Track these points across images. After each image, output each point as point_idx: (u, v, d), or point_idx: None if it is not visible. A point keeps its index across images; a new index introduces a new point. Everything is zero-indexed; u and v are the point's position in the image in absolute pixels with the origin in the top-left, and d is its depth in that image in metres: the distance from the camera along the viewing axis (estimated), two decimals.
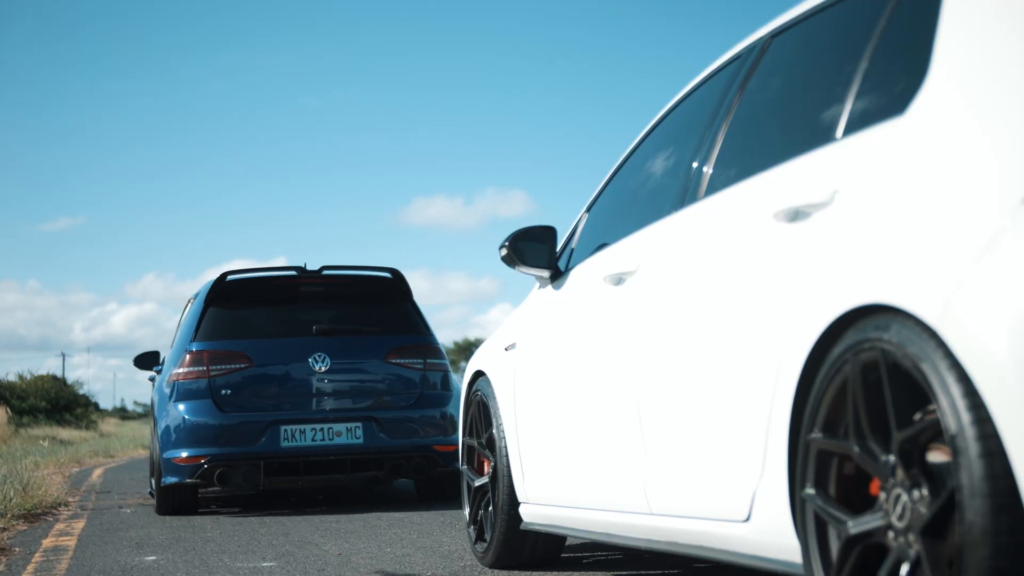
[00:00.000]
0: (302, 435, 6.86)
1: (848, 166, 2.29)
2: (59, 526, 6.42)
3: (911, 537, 1.94)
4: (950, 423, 1.84)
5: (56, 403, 36.37)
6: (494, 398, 4.25)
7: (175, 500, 6.91)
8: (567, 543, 4.66)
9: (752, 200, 2.64)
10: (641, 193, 3.60)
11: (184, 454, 6.78)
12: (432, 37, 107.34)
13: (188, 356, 7.01)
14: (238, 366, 7.00)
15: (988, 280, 1.79)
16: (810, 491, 2.24)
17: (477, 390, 4.49)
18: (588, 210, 3.99)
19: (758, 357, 2.46)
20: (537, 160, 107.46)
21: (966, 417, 1.80)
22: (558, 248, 4.01)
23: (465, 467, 4.59)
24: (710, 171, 3.01)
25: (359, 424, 6.96)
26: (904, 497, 1.97)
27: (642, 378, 3.05)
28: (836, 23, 2.73)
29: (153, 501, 7.35)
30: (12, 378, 37.82)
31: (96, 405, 45.40)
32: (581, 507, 3.51)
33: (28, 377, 38.51)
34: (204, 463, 6.70)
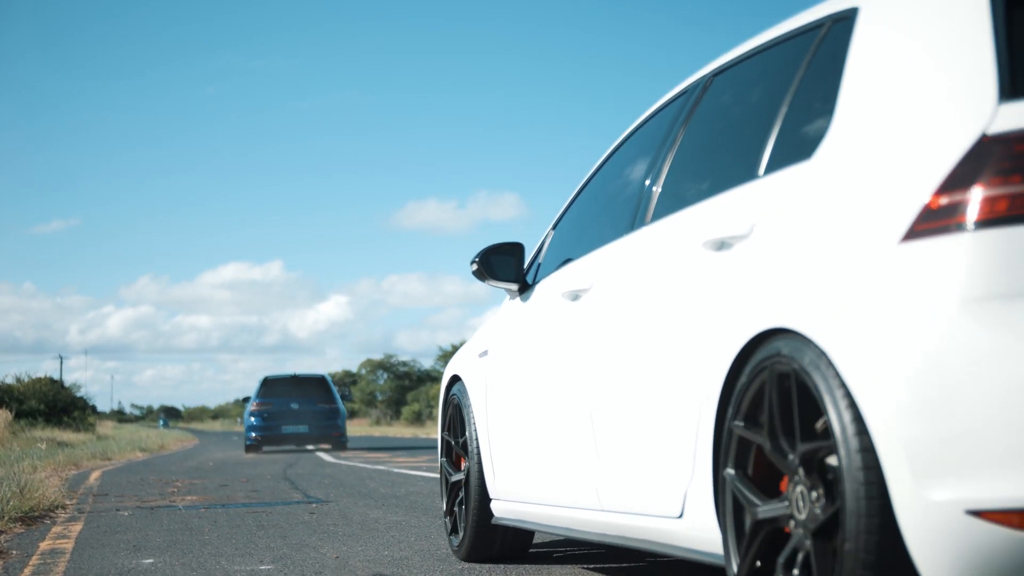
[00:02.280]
0: None
1: (764, 203, 2.62)
2: (56, 529, 6.40)
3: (808, 530, 2.26)
4: (836, 432, 2.15)
5: (54, 406, 36.33)
6: (468, 402, 4.60)
7: None
8: (537, 539, 5.06)
9: (688, 229, 2.96)
10: (599, 214, 3.89)
11: None
12: (426, 41, 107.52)
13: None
14: None
15: (868, 308, 2.12)
16: (730, 471, 2.55)
17: (454, 394, 4.83)
18: (554, 227, 4.31)
19: (687, 373, 2.79)
20: (529, 163, 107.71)
21: (850, 429, 2.12)
22: (526, 263, 4.33)
23: (443, 459, 4.93)
24: (656, 198, 3.32)
25: None
26: (804, 494, 2.28)
27: (593, 388, 3.38)
28: (764, 69, 3.02)
29: (157, 504, 7.31)
30: (10, 381, 37.82)
31: (94, 408, 45.33)
32: (544, 504, 3.82)
33: (26, 380, 38.48)
34: None
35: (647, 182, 3.45)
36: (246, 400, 23.15)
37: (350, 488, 9.48)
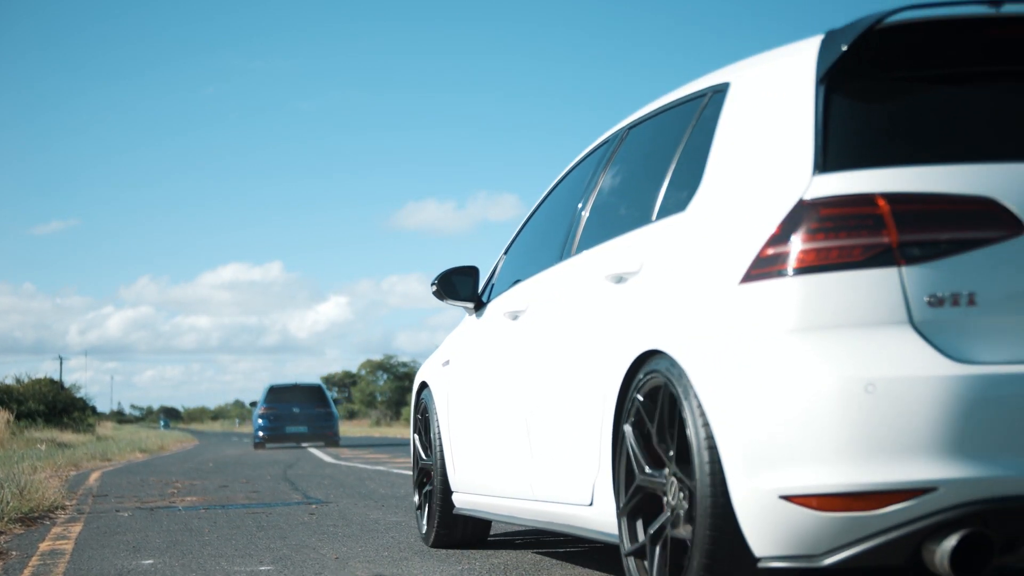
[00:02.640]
0: None
1: (651, 245, 3.17)
2: (56, 530, 6.41)
3: (674, 507, 2.85)
4: (690, 433, 2.73)
5: (54, 406, 36.32)
6: (433, 407, 5.17)
7: None
8: (499, 530, 5.67)
9: (598, 263, 3.51)
10: (539, 244, 4.41)
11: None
12: (425, 42, 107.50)
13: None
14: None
15: (714, 335, 2.69)
16: (628, 428, 3.10)
17: (422, 399, 5.44)
18: (505, 252, 4.88)
19: (592, 385, 3.35)
20: (528, 164, 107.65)
21: (701, 432, 2.69)
22: (482, 283, 4.90)
23: (414, 458, 5.52)
24: (580, 234, 3.88)
25: None
26: (675, 481, 2.87)
27: (527, 397, 3.97)
28: (663, 127, 3.54)
29: (159, 505, 7.29)
30: (10, 381, 37.80)
31: (93, 408, 45.32)
32: (493, 496, 4.42)
33: (25, 380, 38.47)
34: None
35: (574, 218, 4.03)
36: (253, 404, 27.34)
37: (350, 489, 9.49)
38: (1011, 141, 2.66)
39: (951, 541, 2.41)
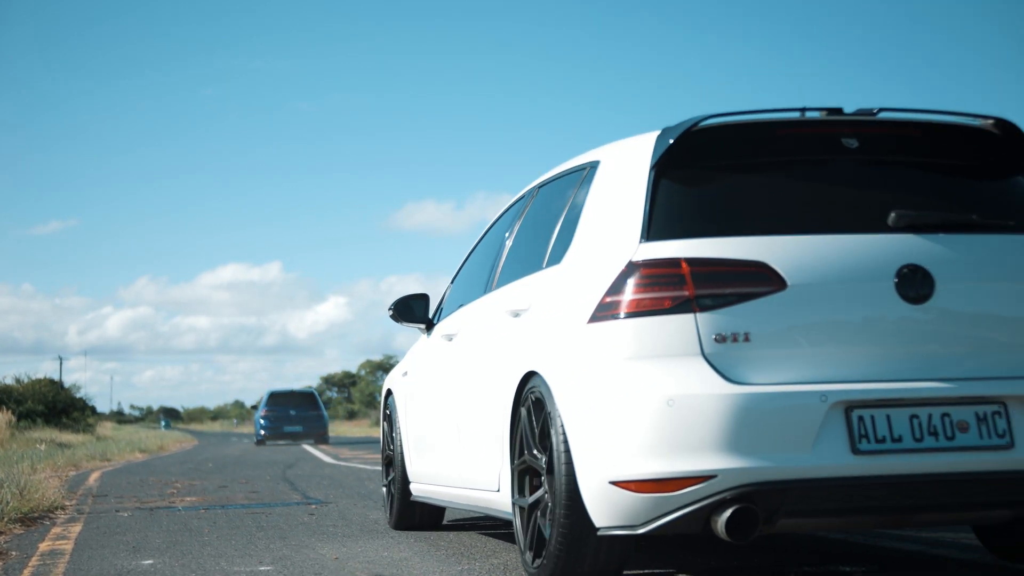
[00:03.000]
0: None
1: (539, 288, 4.07)
2: (56, 530, 6.41)
3: (545, 487, 3.74)
4: (552, 436, 3.64)
5: (53, 406, 36.32)
6: (396, 411, 6.10)
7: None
8: (456, 516, 6.59)
9: (505, 299, 4.42)
10: (473, 278, 5.28)
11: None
12: (424, 43, 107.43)
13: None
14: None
15: (570, 361, 3.58)
16: (519, 431, 4.00)
17: (388, 406, 6.31)
18: (452, 282, 5.77)
19: (497, 397, 4.24)
20: (527, 164, 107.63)
21: (560, 435, 3.59)
22: (433, 308, 5.81)
23: (382, 455, 6.46)
24: (498, 273, 4.76)
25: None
26: (545, 472, 3.75)
27: (457, 405, 4.88)
28: (559, 189, 4.40)
29: (158, 505, 7.27)
30: (9, 381, 37.78)
31: (93, 409, 45.32)
32: (436, 484, 5.27)
33: (25, 381, 38.46)
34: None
35: (496, 259, 4.92)
36: (254, 407, 35.82)
37: (349, 489, 9.48)
38: (783, 218, 3.52)
39: (727, 513, 3.26)
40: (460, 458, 4.82)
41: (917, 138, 3.80)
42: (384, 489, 6.33)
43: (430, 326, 5.75)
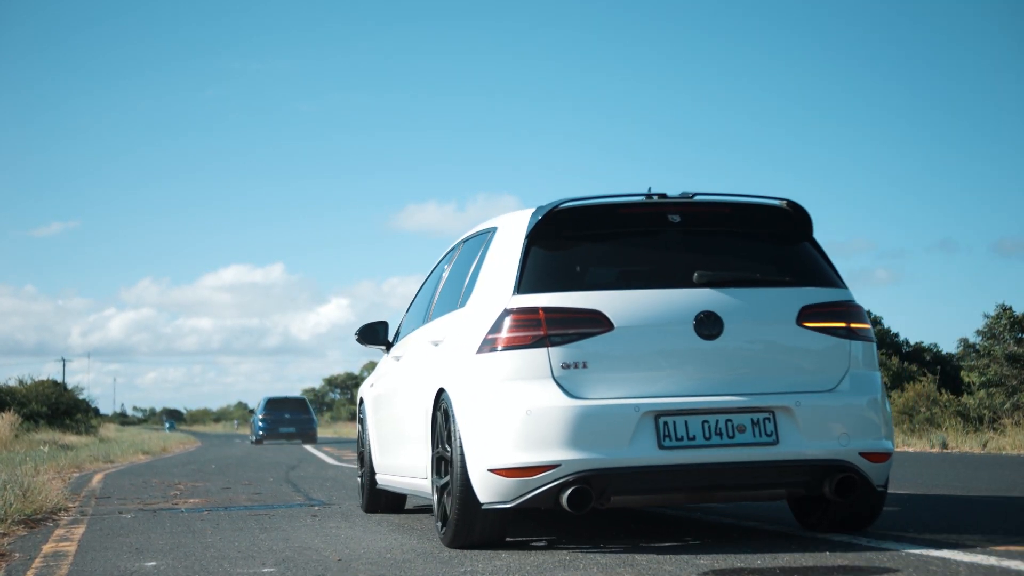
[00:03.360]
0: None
1: (450, 325, 5.38)
2: (59, 531, 6.41)
3: (451, 471, 4.98)
4: (454, 436, 4.90)
5: (57, 408, 36.33)
6: (366, 416, 7.40)
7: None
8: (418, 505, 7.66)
9: (431, 332, 5.74)
10: (418, 310, 6.60)
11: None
12: (425, 43, 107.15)
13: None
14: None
15: (464, 381, 4.88)
16: (439, 416, 5.24)
17: (361, 411, 7.65)
18: (407, 311, 7.06)
19: (423, 405, 5.52)
20: (527, 165, 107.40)
21: (456, 437, 4.86)
22: (392, 332, 7.10)
23: (358, 452, 7.75)
24: (432, 309, 6.07)
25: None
26: (448, 463, 5.06)
27: (401, 410, 6.20)
28: (473, 246, 5.66)
29: (163, 507, 7.27)
30: (13, 383, 37.79)
31: (96, 410, 45.32)
32: (392, 475, 6.57)
33: (28, 382, 38.47)
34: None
35: (432, 296, 6.24)
36: (251, 412, 38.68)
37: (352, 490, 9.48)
38: (617, 276, 4.95)
39: (568, 492, 4.54)
40: (403, 453, 6.12)
41: (726, 214, 5.06)
42: (359, 480, 7.60)
43: (389, 347, 7.01)
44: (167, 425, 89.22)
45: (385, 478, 6.79)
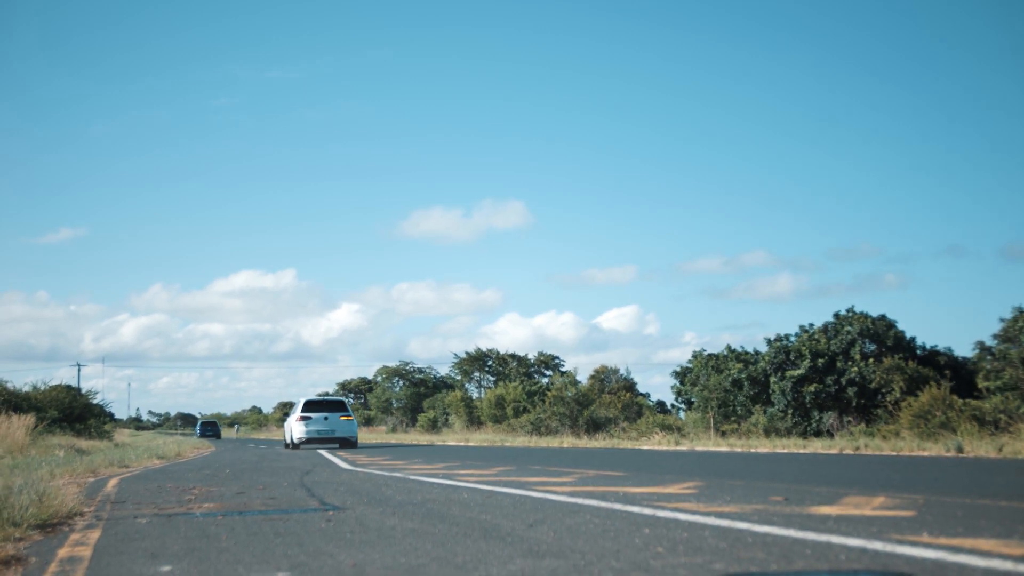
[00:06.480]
0: None
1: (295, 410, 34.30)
2: (74, 536, 6.43)
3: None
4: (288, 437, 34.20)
5: (71, 413, 36.55)
6: (288, 427, 33.25)
7: None
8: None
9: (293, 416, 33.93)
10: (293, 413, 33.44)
11: None
12: (432, 50, 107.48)
13: None
14: None
15: (290, 426, 34.51)
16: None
17: (285, 425, 33.12)
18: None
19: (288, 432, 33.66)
20: (534, 170, 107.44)
21: (289, 433, 34.62)
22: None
23: (285, 440, 33.74)
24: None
25: None
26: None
27: (290, 430, 33.02)
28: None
29: (175, 510, 7.27)
30: (27, 389, 38.02)
31: (111, 415, 45.53)
32: (290, 442, 32.64)
33: (43, 388, 38.71)
34: None
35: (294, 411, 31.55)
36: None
37: (366, 495, 9.49)
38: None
39: None
40: (289, 434, 30.59)
41: None
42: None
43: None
44: (197, 431, 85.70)
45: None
